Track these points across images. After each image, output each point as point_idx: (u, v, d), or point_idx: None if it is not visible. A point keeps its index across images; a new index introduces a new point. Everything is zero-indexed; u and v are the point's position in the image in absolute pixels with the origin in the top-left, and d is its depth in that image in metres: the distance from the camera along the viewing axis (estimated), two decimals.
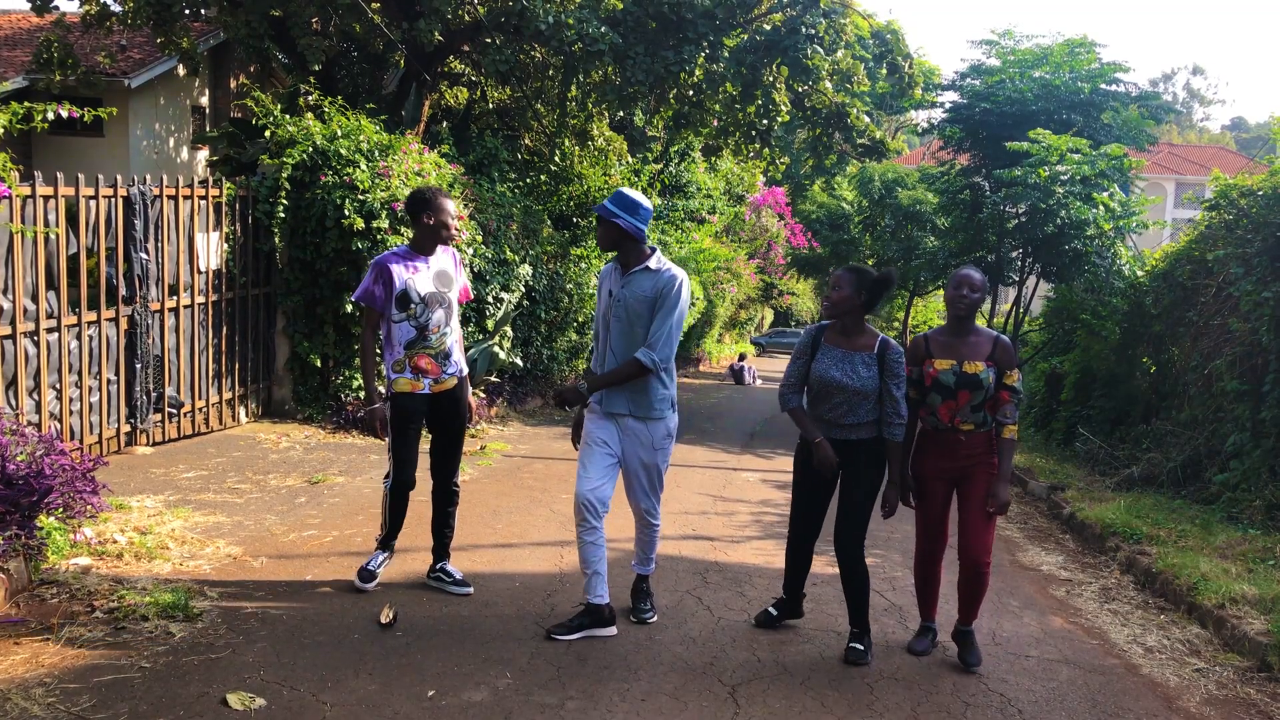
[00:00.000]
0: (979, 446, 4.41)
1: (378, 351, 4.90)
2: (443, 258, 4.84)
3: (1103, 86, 14.93)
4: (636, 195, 4.39)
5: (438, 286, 4.77)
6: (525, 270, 11.32)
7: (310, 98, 10.25)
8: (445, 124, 13.17)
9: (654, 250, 4.46)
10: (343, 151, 8.68)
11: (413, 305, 4.68)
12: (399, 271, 4.66)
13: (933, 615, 4.71)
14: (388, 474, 4.86)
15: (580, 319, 13.50)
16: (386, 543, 4.94)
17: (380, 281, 4.65)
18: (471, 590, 4.88)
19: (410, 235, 4.86)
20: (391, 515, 4.88)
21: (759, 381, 22.54)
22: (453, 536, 5.02)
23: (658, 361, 4.31)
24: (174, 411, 7.73)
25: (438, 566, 4.96)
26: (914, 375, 4.43)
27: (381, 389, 4.84)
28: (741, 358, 25.19)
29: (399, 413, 4.74)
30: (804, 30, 11.83)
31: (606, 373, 4.38)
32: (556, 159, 14.00)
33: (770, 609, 4.78)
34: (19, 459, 4.79)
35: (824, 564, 5.10)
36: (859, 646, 4.39)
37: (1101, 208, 12.10)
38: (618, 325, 4.42)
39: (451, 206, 4.79)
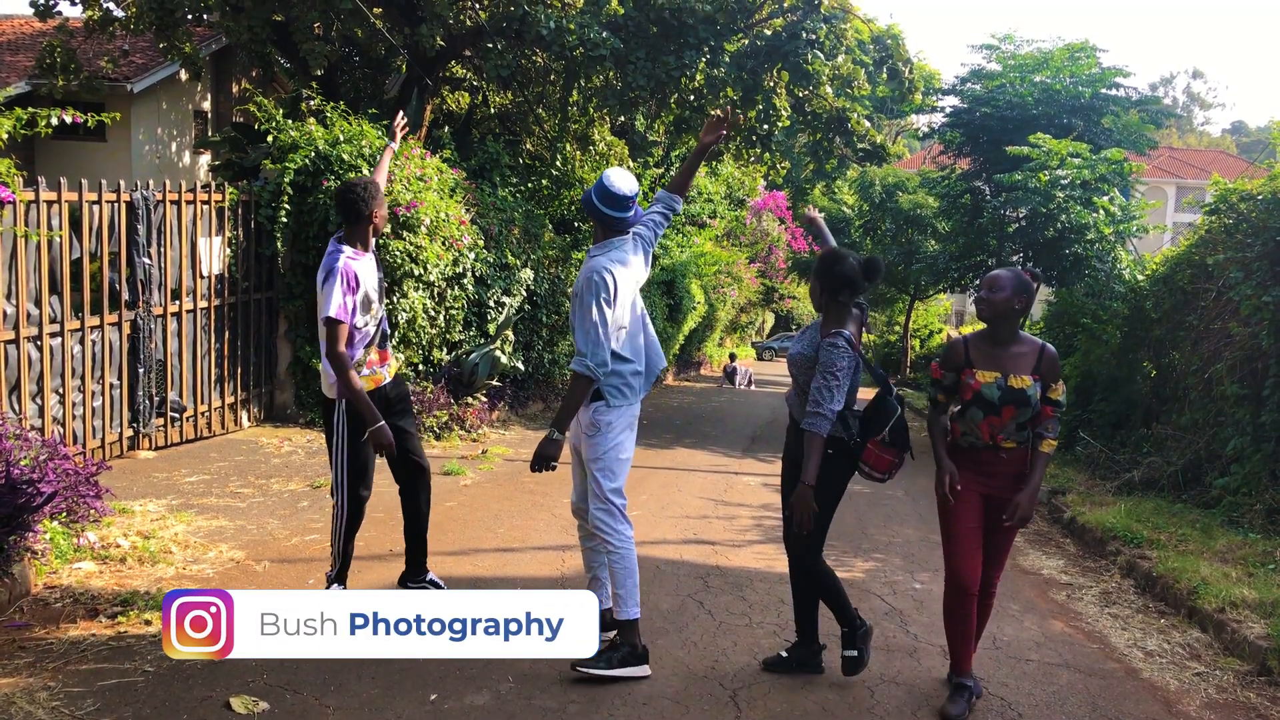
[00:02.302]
0: (1017, 466, 3.97)
1: None
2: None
3: (1103, 91, 14.99)
4: (611, 179, 4.12)
5: (379, 278, 4.50)
6: (527, 274, 11.35)
7: (312, 102, 10.28)
8: (447, 129, 13.20)
9: (611, 240, 4.14)
10: (345, 156, 8.70)
11: (374, 307, 4.38)
12: (362, 275, 4.29)
13: (967, 667, 4.07)
14: (334, 492, 4.41)
15: None
16: (343, 574, 4.49)
17: (351, 291, 4.22)
18: None
19: (347, 230, 4.38)
20: (347, 538, 4.44)
21: (753, 386, 22.22)
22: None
23: (591, 366, 4.01)
24: (176, 416, 7.75)
25: (424, 578, 4.70)
26: (947, 381, 4.03)
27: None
28: (732, 358, 25.03)
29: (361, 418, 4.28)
30: (804, 35, 11.87)
31: (561, 404, 4.22)
32: (558, 164, 14.04)
33: (782, 653, 4.33)
34: (23, 463, 4.81)
35: None
36: (853, 654, 4.13)
37: (1102, 212, 12.14)
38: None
39: None
